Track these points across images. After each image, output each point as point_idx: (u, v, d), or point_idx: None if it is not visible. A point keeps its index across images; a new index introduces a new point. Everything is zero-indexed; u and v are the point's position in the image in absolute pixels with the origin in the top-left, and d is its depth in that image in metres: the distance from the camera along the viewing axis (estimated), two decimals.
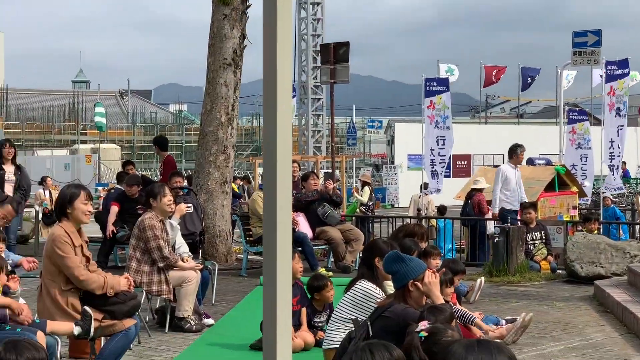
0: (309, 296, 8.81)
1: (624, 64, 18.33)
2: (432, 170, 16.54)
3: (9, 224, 9.60)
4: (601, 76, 21.80)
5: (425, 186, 19.31)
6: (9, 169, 14.23)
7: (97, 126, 43.42)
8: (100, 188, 30.83)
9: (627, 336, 9.12)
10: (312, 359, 7.76)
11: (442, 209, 20.41)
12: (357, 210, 21.42)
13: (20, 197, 13.97)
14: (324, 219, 14.46)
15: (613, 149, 18.07)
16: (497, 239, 13.67)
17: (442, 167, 16.61)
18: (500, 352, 3.04)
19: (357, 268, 14.46)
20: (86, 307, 6.71)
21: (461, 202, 17.99)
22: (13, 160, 14.38)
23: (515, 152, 15.61)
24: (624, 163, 23.31)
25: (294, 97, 30.38)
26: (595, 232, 15.21)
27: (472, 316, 8.69)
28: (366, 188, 21.87)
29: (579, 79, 42.51)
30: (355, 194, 22.43)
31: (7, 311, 5.97)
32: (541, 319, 10.05)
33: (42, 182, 22.22)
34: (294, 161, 15.01)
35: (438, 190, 16.93)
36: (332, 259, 14.78)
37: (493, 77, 47.24)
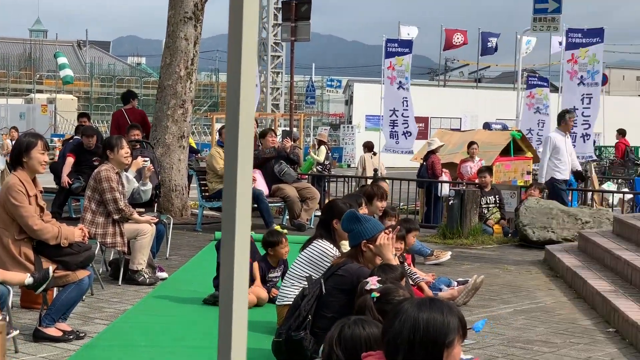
0: (263, 251, 8.82)
1: (593, 33, 18.03)
2: (391, 131, 16.57)
3: None
4: (560, 43, 21.74)
5: (371, 147, 19.28)
6: None
7: (65, 81, 42.71)
8: (55, 139, 30.52)
9: (576, 301, 9.27)
10: (265, 315, 7.79)
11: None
12: (314, 169, 21.46)
13: None
14: (281, 177, 14.47)
15: (577, 117, 17.51)
16: (452, 201, 13.78)
17: (405, 127, 16.63)
18: (451, 311, 3.09)
19: (312, 226, 14.57)
20: (50, 268, 6.66)
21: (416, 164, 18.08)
22: None
23: (563, 118, 14.72)
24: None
25: None
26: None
27: (420, 279, 8.82)
28: (322, 147, 21.90)
29: (538, 46, 42.64)
30: (311, 153, 22.46)
31: None
32: (492, 282, 10.17)
33: (9, 132, 22.12)
34: None
35: (411, 152, 16.90)
36: (287, 217, 14.82)
37: (453, 41, 47.29)
